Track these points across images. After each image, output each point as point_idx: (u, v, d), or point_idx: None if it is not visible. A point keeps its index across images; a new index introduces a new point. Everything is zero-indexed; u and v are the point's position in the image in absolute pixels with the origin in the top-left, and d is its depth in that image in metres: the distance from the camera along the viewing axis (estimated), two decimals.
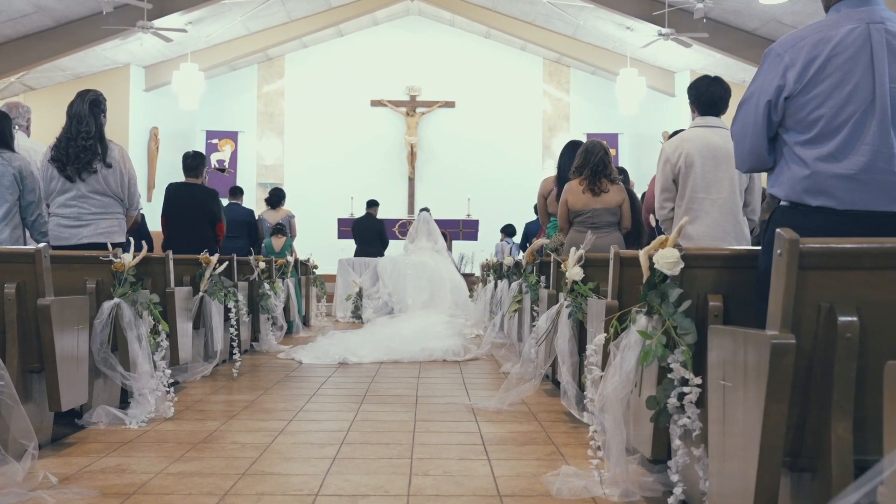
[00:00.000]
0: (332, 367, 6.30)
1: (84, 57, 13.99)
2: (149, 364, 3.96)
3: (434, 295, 10.71)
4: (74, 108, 4.59)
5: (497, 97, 17.31)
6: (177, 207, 6.20)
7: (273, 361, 6.65)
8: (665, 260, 2.40)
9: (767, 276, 2.34)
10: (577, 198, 5.32)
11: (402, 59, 17.14)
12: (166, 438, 3.65)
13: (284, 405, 4.56)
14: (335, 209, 15.70)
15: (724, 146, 3.85)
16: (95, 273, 4.06)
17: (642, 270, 2.51)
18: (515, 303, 5.76)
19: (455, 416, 4.23)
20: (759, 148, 2.38)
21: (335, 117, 17.08)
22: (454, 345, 6.92)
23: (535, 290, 5.36)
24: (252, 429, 3.87)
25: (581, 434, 3.77)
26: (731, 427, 1.91)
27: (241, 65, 17.18)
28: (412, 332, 8.08)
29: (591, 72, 17.22)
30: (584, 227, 5.24)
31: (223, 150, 17.71)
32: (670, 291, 2.41)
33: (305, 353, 6.73)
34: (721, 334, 2.01)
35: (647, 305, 2.49)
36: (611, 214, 5.31)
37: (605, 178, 5.33)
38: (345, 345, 6.92)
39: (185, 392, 4.96)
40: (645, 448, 2.61)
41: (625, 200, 5.37)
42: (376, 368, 6.22)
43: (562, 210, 5.39)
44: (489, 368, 6.34)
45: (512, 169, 16.92)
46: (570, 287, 4.02)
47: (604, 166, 5.32)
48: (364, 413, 4.31)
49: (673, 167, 3.96)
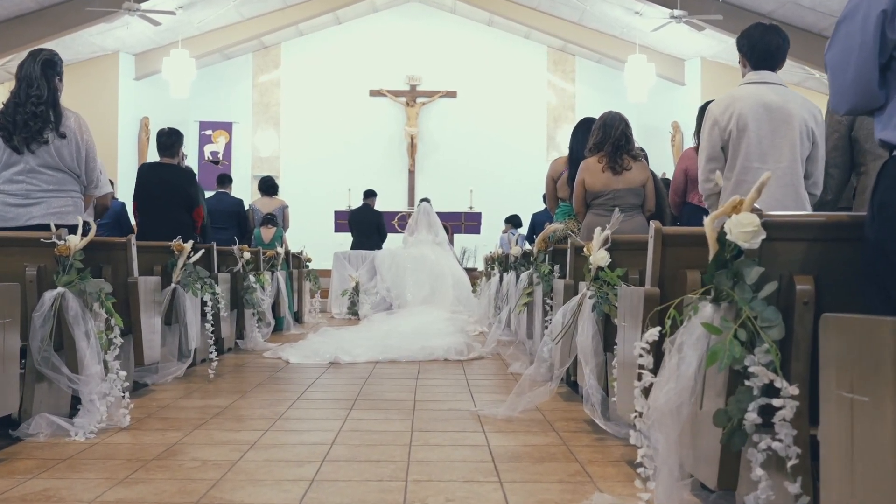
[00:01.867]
0: (322, 367, 5.70)
1: (71, 43, 13.42)
2: (99, 365, 3.37)
3: (435, 290, 10.13)
4: (24, 70, 3.98)
5: (500, 87, 16.82)
6: (149, 190, 5.58)
7: (258, 361, 6.06)
8: (741, 228, 1.81)
9: (879, 249, 1.75)
10: (596, 177, 4.71)
11: (402, 48, 16.62)
12: (114, 454, 3.06)
13: (262, 412, 3.97)
14: (333, 203, 15.16)
15: (784, 106, 3.24)
16: (39, 258, 3.47)
17: (709, 244, 1.92)
18: (525, 296, 5.15)
19: (459, 426, 3.63)
20: (866, 77, 1.77)
21: (333, 108, 16.56)
22: (456, 343, 6.31)
23: (549, 281, 4.75)
24: (219, 441, 3.28)
25: (609, 448, 3.18)
26: (864, 459, 1.31)
27: (235, 53, 16.67)
28: (411, 329, 7.49)
29: (597, 60, 16.69)
30: (604, 211, 4.64)
31: (217, 141, 17.22)
32: (747, 271, 1.82)
33: (294, 352, 6.13)
34: (845, 327, 1.41)
35: (715, 290, 1.90)
36: (634, 195, 4.71)
37: (628, 154, 4.73)
38: (337, 343, 6.32)
39: (152, 396, 4.37)
40: (707, 475, 2.02)
41: (649, 179, 4.77)
42: (371, 369, 5.62)
43: (577, 192, 4.79)
44: (495, 369, 5.74)
45: (516, 161, 16.43)
46: (593, 275, 3.43)
47: (626, 140, 4.71)
48: (353, 421, 3.72)
49: (722, 131, 3.33)
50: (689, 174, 4.77)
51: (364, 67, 16.54)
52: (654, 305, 2.65)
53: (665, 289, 2.67)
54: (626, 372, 2.90)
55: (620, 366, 2.99)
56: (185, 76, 14.39)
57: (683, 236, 2.68)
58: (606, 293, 3.42)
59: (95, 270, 4.12)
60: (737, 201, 1.87)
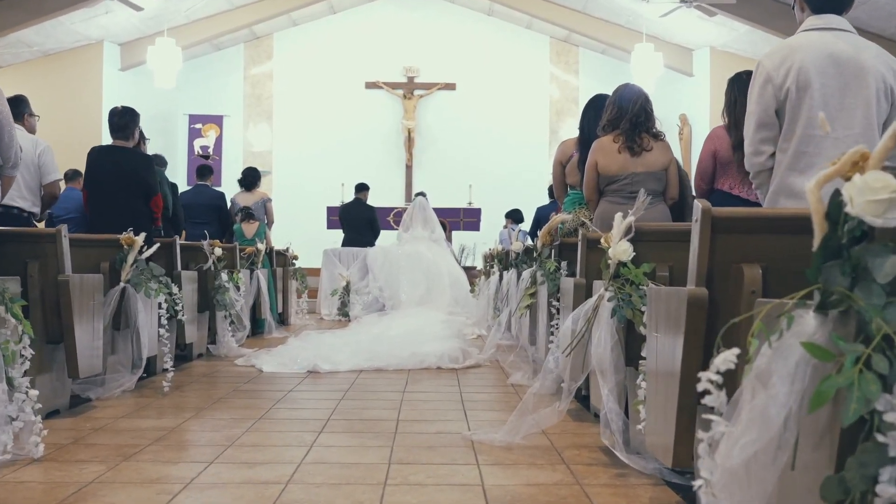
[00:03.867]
0: (299, 377, 5.05)
1: (52, 31, 12.77)
2: (1, 382, 2.72)
3: (431, 290, 9.51)
4: None
5: (501, 79, 16.18)
6: (99, 176, 4.89)
7: (228, 370, 5.40)
8: (870, 195, 1.15)
9: None
10: (611, 159, 4.05)
11: (399, 38, 15.97)
12: (7, 499, 2.41)
13: (213, 436, 3.31)
14: (329, 199, 14.53)
15: (856, 57, 2.56)
16: None
17: (814, 222, 1.25)
18: (528, 297, 4.48)
19: (447, 456, 2.98)
20: None
21: (328, 100, 15.92)
22: (451, 349, 5.65)
23: (555, 280, 4.10)
24: (148, 478, 2.63)
25: (634, 490, 2.52)
26: None
27: (225, 44, 16.06)
28: (404, 332, 6.84)
29: (602, 51, 16.06)
30: (619, 198, 3.99)
31: (207, 135, 16.62)
32: (878, 262, 1.17)
33: (269, 360, 5.48)
34: None
35: (822, 292, 1.24)
36: (655, 180, 4.05)
37: (647, 134, 4.08)
38: (318, 349, 5.66)
39: (89, 415, 3.72)
40: None
41: (672, 162, 4.12)
42: (353, 379, 4.97)
43: (589, 176, 4.13)
44: (494, 379, 5.09)
45: (516, 156, 15.81)
46: (613, 272, 2.77)
47: (645, 116, 4.07)
48: (320, 450, 3.06)
49: (777, 90, 2.65)
50: (718, 157, 4.10)
51: (360, 58, 15.92)
52: (701, 312, 2.00)
53: (715, 290, 2.01)
54: (659, 394, 2.25)
55: (652, 386, 2.34)
56: (170, 66, 13.73)
57: (739, 220, 2.02)
58: (629, 294, 2.76)
59: (20, 266, 3.49)
60: (858, 154, 1.22)
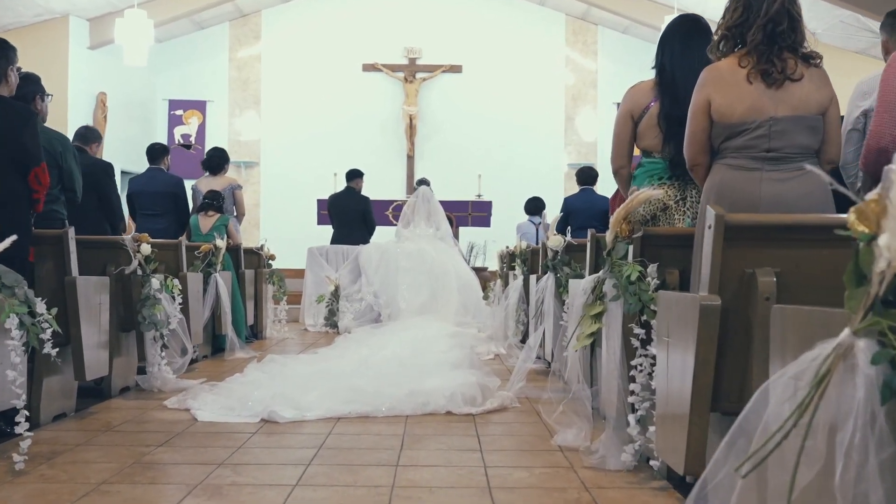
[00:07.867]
0: (248, 430, 3.47)
1: (9, 3, 11.33)
2: None
3: (436, 295, 8.00)
4: None
5: (511, 60, 14.89)
6: None
7: (148, 416, 3.82)
8: None
9: None
10: (735, 94, 2.46)
11: (399, 16, 14.78)
12: None
13: None
14: (321, 192, 13.08)
15: None
16: None
17: None
18: (591, 321, 2.82)
19: None
20: None
21: (321, 85, 14.76)
22: (464, 385, 3.98)
23: (637, 293, 2.51)
24: None
25: None
26: None
27: (209, 22, 14.77)
28: (402, 354, 5.26)
29: (623, 29, 14.66)
30: (747, 160, 2.41)
31: (189, 122, 15.28)
32: None
33: (210, 401, 3.89)
34: None
35: None
36: (807, 131, 2.46)
37: (792, 53, 2.49)
38: (279, 384, 4.06)
39: None
40: None
41: (833, 101, 2.52)
42: (324, 434, 3.39)
43: (696, 125, 2.54)
44: (528, 432, 3.50)
45: (529, 145, 14.60)
46: (883, 290, 1.18)
47: (790, 24, 2.47)
48: None
49: None
50: None
51: (356, 39, 14.74)
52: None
53: None
54: None
55: None
56: (141, 41, 12.22)
57: None
58: None
59: None
60: None
